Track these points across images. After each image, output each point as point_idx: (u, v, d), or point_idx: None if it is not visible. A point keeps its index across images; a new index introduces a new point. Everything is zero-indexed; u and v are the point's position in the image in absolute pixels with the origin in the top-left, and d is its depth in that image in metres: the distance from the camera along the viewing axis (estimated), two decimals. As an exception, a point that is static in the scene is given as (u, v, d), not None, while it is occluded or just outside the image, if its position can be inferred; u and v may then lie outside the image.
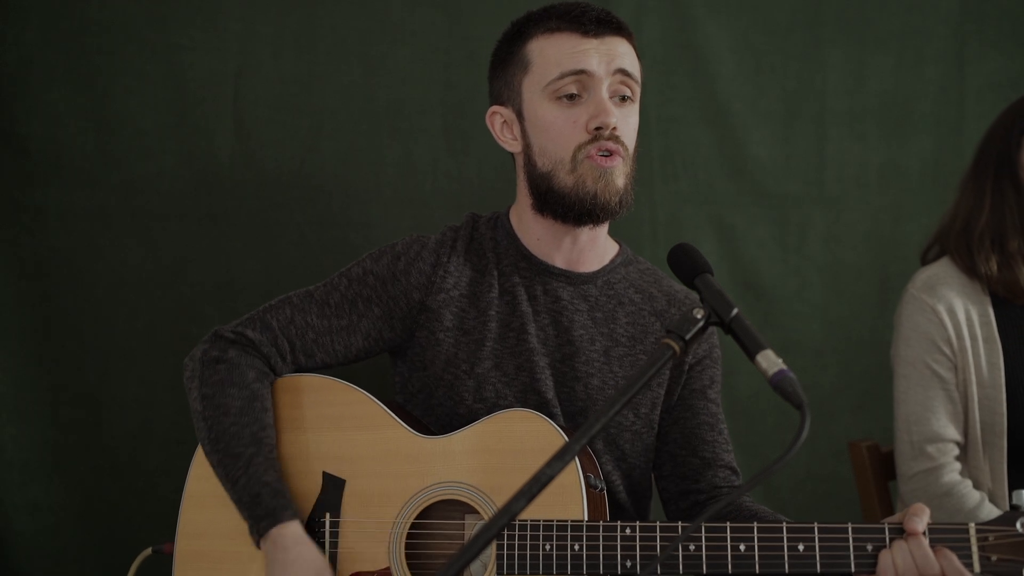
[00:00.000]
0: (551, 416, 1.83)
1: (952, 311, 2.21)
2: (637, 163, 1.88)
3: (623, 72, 1.81)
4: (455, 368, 1.85)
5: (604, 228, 1.93)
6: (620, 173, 1.81)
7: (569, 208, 1.82)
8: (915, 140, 2.81)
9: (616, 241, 2.00)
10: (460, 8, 2.50)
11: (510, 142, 1.90)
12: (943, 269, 2.26)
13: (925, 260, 2.35)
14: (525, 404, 1.85)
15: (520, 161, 1.90)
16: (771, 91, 2.72)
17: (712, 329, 1.93)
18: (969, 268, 2.22)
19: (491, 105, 1.93)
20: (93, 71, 2.32)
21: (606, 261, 1.95)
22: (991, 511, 2.14)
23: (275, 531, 1.71)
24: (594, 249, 1.92)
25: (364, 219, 2.46)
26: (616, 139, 1.79)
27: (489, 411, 1.83)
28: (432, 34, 2.49)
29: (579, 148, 1.79)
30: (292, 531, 1.72)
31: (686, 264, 1.48)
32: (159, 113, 2.35)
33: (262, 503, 1.72)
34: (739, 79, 2.69)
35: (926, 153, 2.82)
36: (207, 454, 1.80)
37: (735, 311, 1.36)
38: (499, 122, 1.90)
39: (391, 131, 2.47)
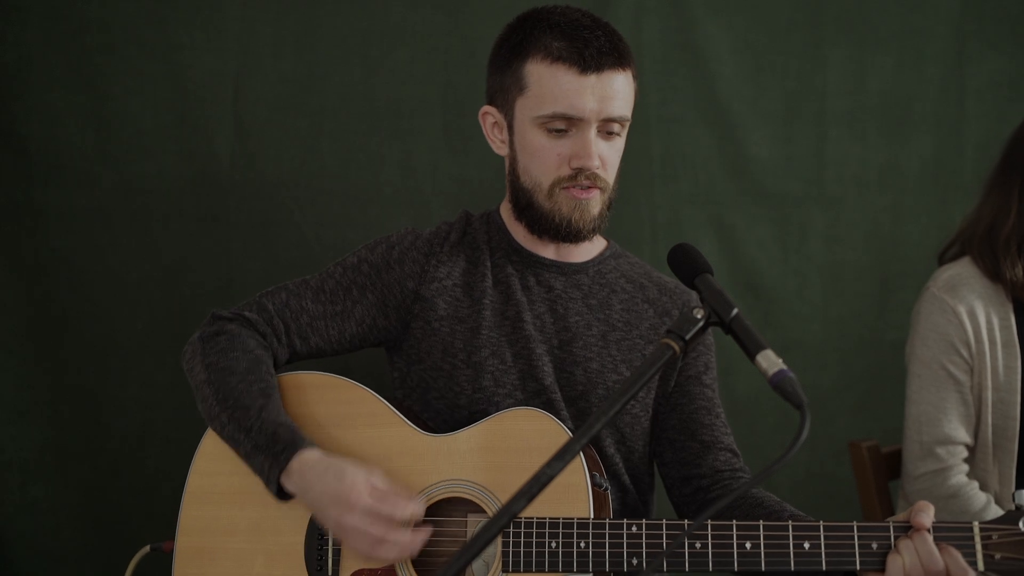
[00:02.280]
0: (551, 402, 1.85)
1: (973, 313, 2.19)
2: (620, 181, 1.92)
3: (612, 119, 1.83)
4: (452, 357, 1.87)
5: None
6: (597, 203, 1.86)
7: (544, 228, 1.89)
8: (915, 140, 2.81)
9: (604, 237, 2.02)
10: (460, 8, 2.50)
11: (498, 144, 1.94)
12: (966, 270, 2.23)
13: (943, 260, 2.32)
14: (524, 391, 1.86)
15: (507, 165, 1.94)
16: (771, 91, 2.72)
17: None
18: (993, 272, 2.20)
19: (486, 102, 1.94)
20: (93, 71, 2.32)
21: (595, 253, 1.99)
22: (997, 513, 2.12)
23: (296, 460, 1.68)
24: (580, 245, 1.96)
25: (364, 219, 2.46)
26: (595, 178, 1.83)
27: (488, 400, 1.84)
28: (432, 34, 2.49)
29: (557, 181, 1.84)
30: (314, 455, 1.69)
31: (686, 264, 1.49)
32: (159, 113, 2.35)
33: (279, 439, 1.70)
34: (739, 79, 2.69)
35: (926, 153, 2.82)
36: (215, 417, 1.77)
37: (735, 311, 1.37)
38: (490, 122, 1.94)
39: (391, 131, 2.48)
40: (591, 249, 1.98)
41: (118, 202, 2.35)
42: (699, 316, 1.37)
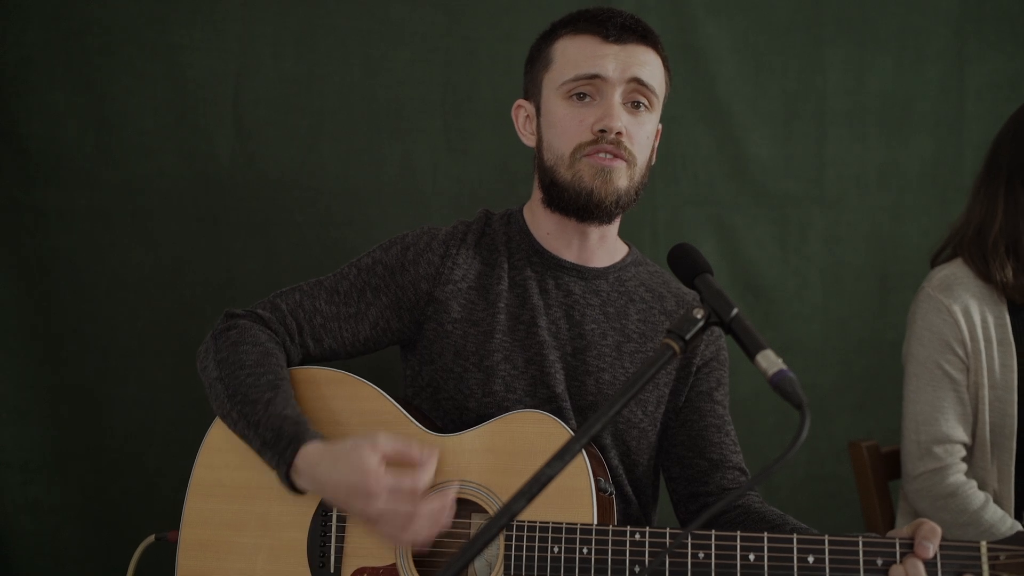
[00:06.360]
0: (560, 410, 1.84)
1: (968, 312, 2.20)
2: (648, 173, 1.90)
3: (638, 80, 1.83)
4: (464, 360, 1.86)
5: (613, 228, 1.95)
6: (623, 175, 1.83)
7: (569, 202, 1.84)
8: (915, 140, 2.81)
9: (626, 243, 2.01)
10: (460, 8, 2.50)
11: (528, 136, 1.94)
12: (960, 270, 2.24)
13: (935, 263, 2.33)
14: (534, 398, 1.85)
15: (534, 156, 1.94)
16: (771, 91, 2.72)
17: (718, 331, 1.94)
18: (984, 275, 2.21)
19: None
20: (93, 71, 2.32)
21: (616, 259, 1.97)
22: (995, 511, 2.13)
23: (300, 457, 1.66)
24: (604, 247, 1.94)
25: (364, 219, 2.46)
26: (619, 144, 1.81)
27: (498, 405, 1.84)
28: (432, 34, 2.49)
29: (579, 147, 1.82)
30: (319, 448, 1.66)
31: (686, 264, 1.48)
32: (159, 113, 2.35)
33: (284, 434, 1.68)
34: (739, 79, 2.69)
35: (926, 153, 2.82)
36: (227, 414, 1.76)
37: (735, 311, 1.36)
38: (522, 116, 1.95)
39: (391, 131, 2.48)
40: (613, 254, 1.96)
41: (118, 202, 2.34)
42: (699, 316, 1.36)
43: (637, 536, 1.59)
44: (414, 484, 1.61)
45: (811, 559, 1.53)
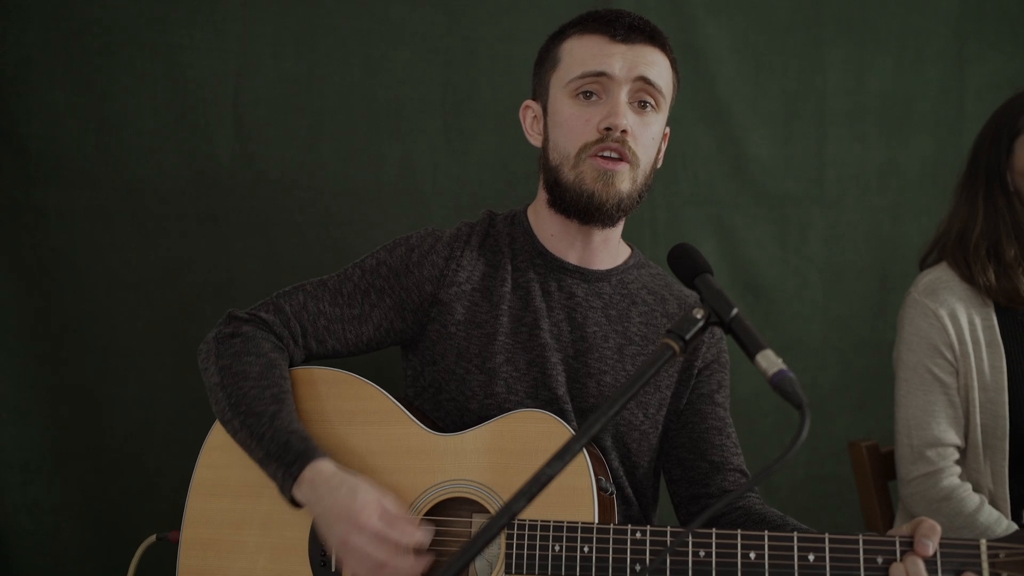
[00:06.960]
0: (562, 412, 1.84)
1: (954, 315, 2.20)
2: (653, 176, 1.89)
3: (644, 80, 1.83)
4: (466, 362, 1.86)
5: (617, 230, 1.95)
6: (626, 178, 1.82)
7: (571, 204, 1.85)
8: (915, 140, 2.81)
9: (629, 245, 2.01)
10: (460, 8, 2.50)
11: (535, 136, 1.94)
12: (945, 273, 2.25)
13: (924, 266, 2.34)
14: (536, 400, 1.86)
15: (540, 156, 1.93)
16: (771, 91, 2.72)
17: (720, 334, 1.95)
18: (968, 278, 2.22)
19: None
20: (93, 71, 2.32)
21: (619, 261, 1.97)
22: (990, 513, 2.14)
23: (309, 470, 1.67)
24: (607, 249, 1.94)
25: (364, 219, 2.46)
26: (624, 143, 1.80)
27: (499, 407, 1.84)
28: (432, 34, 2.49)
29: (585, 147, 1.82)
30: (327, 467, 1.68)
31: (686, 264, 1.48)
32: (159, 113, 2.35)
33: (291, 448, 1.69)
34: (739, 79, 2.69)
35: (926, 153, 2.82)
36: (228, 422, 1.77)
37: (735, 311, 1.36)
38: (530, 116, 1.95)
39: (391, 131, 2.48)
40: (616, 256, 1.97)
41: (118, 202, 2.34)
42: (699, 316, 1.36)
43: (638, 535, 1.59)
44: (399, 537, 1.62)
45: (812, 557, 1.53)
